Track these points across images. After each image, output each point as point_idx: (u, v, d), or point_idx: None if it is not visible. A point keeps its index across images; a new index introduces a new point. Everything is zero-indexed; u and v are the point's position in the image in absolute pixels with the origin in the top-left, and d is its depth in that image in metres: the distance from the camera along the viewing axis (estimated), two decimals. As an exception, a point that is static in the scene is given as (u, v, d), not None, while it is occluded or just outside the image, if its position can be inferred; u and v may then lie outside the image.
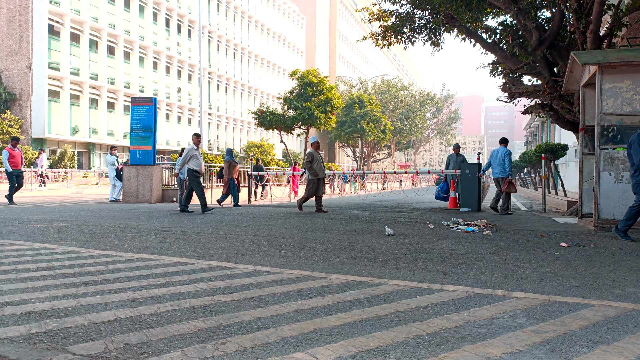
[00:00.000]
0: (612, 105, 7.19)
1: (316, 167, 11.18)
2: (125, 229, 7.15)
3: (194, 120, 43.44)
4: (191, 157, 10.72)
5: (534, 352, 2.25)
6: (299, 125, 28.64)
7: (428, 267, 4.43)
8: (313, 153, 11.30)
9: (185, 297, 3.22)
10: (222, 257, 4.81)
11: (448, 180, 13.41)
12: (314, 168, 11.15)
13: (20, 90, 30.89)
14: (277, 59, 56.53)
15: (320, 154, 11.70)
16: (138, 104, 15.13)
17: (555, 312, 2.95)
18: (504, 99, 12.87)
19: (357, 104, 46.74)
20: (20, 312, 2.80)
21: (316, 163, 11.24)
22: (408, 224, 8.55)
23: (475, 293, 3.42)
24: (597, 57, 7.40)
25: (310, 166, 11.15)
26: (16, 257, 4.59)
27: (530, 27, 9.94)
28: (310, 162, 11.19)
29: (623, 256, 5.15)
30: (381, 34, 12.89)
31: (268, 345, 2.31)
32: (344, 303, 3.11)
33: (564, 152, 15.94)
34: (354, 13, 74.57)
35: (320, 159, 11.43)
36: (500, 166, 11.06)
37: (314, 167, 11.16)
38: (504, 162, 11.01)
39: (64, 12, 31.02)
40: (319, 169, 11.23)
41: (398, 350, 2.26)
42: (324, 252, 5.24)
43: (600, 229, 7.29)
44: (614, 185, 7.20)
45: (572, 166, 21.31)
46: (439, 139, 77.33)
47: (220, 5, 46.29)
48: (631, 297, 3.35)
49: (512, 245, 5.97)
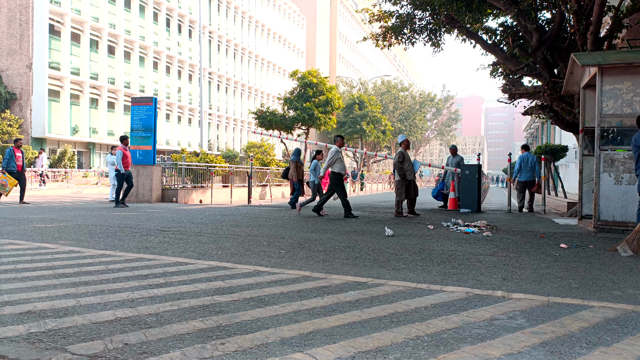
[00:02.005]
0: (612, 107, 7.20)
1: (406, 168, 10.44)
2: (125, 228, 7.15)
3: (194, 120, 43.44)
4: (336, 160, 10.23)
5: (533, 353, 2.25)
6: (299, 125, 28.66)
7: (428, 268, 4.43)
8: (403, 152, 10.55)
9: (184, 297, 3.22)
10: (221, 257, 4.81)
11: (447, 180, 13.45)
12: (404, 169, 10.41)
13: (21, 89, 30.89)
14: (277, 59, 56.54)
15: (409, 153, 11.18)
16: (138, 103, 15.13)
17: (555, 313, 2.95)
18: (504, 100, 12.88)
19: (357, 105, 46.76)
20: (20, 311, 2.80)
21: (407, 163, 10.47)
22: (408, 225, 8.55)
23: (474, 294, 3.42)
24: (597, 58, 7.40)
25: (400, 167, 10.40)
26: (16, 257, 4.59)
27: (530, 29, 9.94)
28: (401, 162, 10.41)
29: (622, 258, 5.15)
30: (381, 34, 12.90)
31: (267, 345, 2.31)
32: (344, 304, 3.11)
33: (564, 153, 15.93)
34: (355, 14, 74.59)
35: (410, 159, 10.64)
36: (532, 171, 12.50)
37: (404, 168, 10.42)
38: (534, 167, 12.51)
39: (64, 12, 31.02)
40: (408, 170, 10.46)
41: (397, 351, 2.26)
42: (324, 252, 5.24)
43: (600, 231, 7.29)
44: (614, 186, 7.20)
45: (572, 167, 21.31)
46: (439, 139, 77.37)
47: (221, 6, 46.30)
48: (631, 299, 3.35)
49: (511, 246, 5.97)
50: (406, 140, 10.80)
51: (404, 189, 10.45)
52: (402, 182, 10.47)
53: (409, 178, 10.48)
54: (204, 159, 18.11)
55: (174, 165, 16.27)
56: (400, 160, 10.44)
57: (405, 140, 10.80)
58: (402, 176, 10.44)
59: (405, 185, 10.45)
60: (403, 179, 10.44)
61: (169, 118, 40.56)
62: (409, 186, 10.52)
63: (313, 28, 65.93)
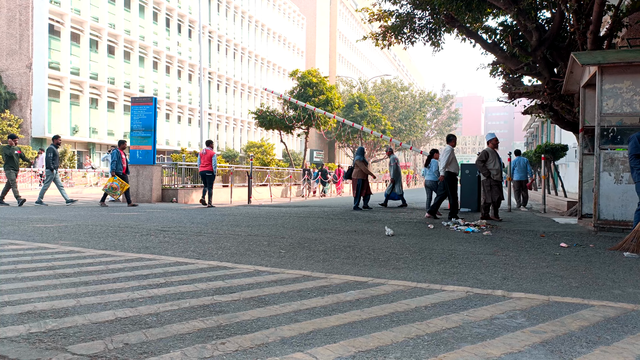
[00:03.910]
0: (612, 106, 7.19)
1: (490, 168, 9.78)
2: (125, 228, 7.15)
3: (194, 120, 43.43)
4: (452, 159, 9.92)
5: (533, 352, 2.25)
6: (299, 125, 28.63)
7: (428, 267, 4.43)
8: (488, 151, 9.91)
9: (184, 297, 3.22)
10: (221, 257, 4.81)
11: None
12: (487, 168, 9.76)
13: (20, 89, 30.88)
14: (277, 59, 56.52)
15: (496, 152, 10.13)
16: (138, 103, 15.12)
17: (555, 312, 2.95)
18: (504, 99, 12.88)
19: (357, 104, 46.72)
20: (20, 311, 2.80)
21: (492, 162, 9.78)
22: (408, 224, 8.55)
23: (474, 293, 3.42)
24: (597, 57, 7.40)
25: (483, 165, 9.75)
26: (16, 257, 4.59)
27: (530, 28, 9.94)
28: (483, 161, 9.76)
29: (622, 257, 5.15)
30: (381, 34, 12.89)
31: (268, 345, 2.31)
32: (344, 303, 3.11)
33: (564, 152, 15.92)
34: (354, 13, 74.54)
35: (497, 158, 9.91)
36: (524, 171, 14.22)
37: (487, 167, 9.77)
38: (527, 168, 14.27)
39: (64, 12, 31.00)
40: (494, 170, 9.77)
41: (398, 351, 2.26)
42: (324, 252, 5.24)
43: (600, 230, 7.29)
44: (613, 185, 7.20)
45: (572, 167, 21.30)
46: (439, 139, 77.32)
47: (221, 5, 46.29)
48: (631, 298, 3.35)
49: (511, 245, 5.97)
50: (494, 139, 10.13)
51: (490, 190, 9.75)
52: (488, 182, 9.76)
53: (495, 178, 9.76)
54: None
55: (173, 165, 16.27)
56: (482, 160, 9.77)
57: (494, 138, 10.14)
58: (486, 175, 9.73)
59: (492, 187, 9.73)
60: (488, 178, 9.73)
61: (169, 118, 40.55)
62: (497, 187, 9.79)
63: (313, 27, 65.91)
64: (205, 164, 13.39)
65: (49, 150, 12.49)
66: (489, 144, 10.18)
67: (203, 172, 13.45)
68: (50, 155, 12.39)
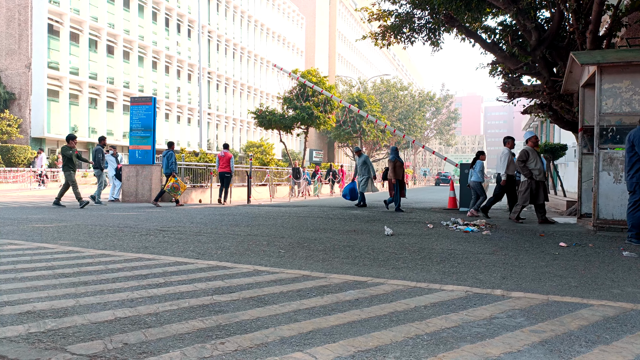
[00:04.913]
0: (611, 106, 7.20)
1: (532, 168, 9.18)
2: (124, 228, 7.15)
3: (194, 120, 43.42)
4: (510, 162, 9.75)
5: (532, 351, 2.25)
6: (299, 125, 28.63)
7: (427, 267, 4.43)
8: (528, 150, 9.29)
9: (184, 296, 3.22)
10: (221, 256, 4.81)
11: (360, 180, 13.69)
12: (528, 168, 9.16)
13: (20, 89, 30.85)
14: (276, 58, 56.49)
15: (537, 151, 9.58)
16: (137, 103, 15.11)
17: (554, 311, 2.95)
18: (503, 99, 12.88)
19: (357, 104, 46.74)
20: (19, 311, 2.80)
21: (533, 162, 9.16)
22: (407, 224, 8.56)
23: (474, 293, 3.42)
24: (597, 57, 7.40)
25: (523, 165, 9.14)
26: (15, 257, 4.58)
27: (529, 27, 9.95)
28: (523, 161, 9.15)
29: (621, 256, 5.15)
30: (380, 33, 12.89)
31: (267, 345, 2.31)
32: (343, 303, 3.11)
33: (563, 152, 15.92)
34: (354, 13, 74.58)
35: (538, 158, 9.31)
36: None
37: (529, 167, 9.17)
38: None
39: (63, 12, 30.98)
40: (536, 170, 9.18)
41: (397, 350, 2.26)
42: (323, 252, 5.24)
43: (600, 229, 7.29)
44: (613, 185, 7.20)
45: (572, 166, 21.31)
46: (439, 139, 77.33)
47: (220, 5, 46.27)
48: (630, 297, 3.35)
49: (511, 245, 5.98)
50: (534, 137, 9.51)
51: (529, 192, 9.15)
52: (528, 183, 9.16)
53: (538, 178, 9.17)
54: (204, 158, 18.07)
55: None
56: (522, 160, 9.18)
57: (534, 136, 9.51)
58: (527, 176, 9.13)
59: (531, 187, 9.14)
60: (530, 179, 9.13)
61: (168, 118, 40.53)
62: (538, 188, 9.17)
63: (312, 27, 65.90)
64: (224, 166, 14.48)
65: (98, 151, 13.36)
66: (529, 142, 9.52)
67: (222, 173, 14.57)
68: (100, 156, 13.28)
